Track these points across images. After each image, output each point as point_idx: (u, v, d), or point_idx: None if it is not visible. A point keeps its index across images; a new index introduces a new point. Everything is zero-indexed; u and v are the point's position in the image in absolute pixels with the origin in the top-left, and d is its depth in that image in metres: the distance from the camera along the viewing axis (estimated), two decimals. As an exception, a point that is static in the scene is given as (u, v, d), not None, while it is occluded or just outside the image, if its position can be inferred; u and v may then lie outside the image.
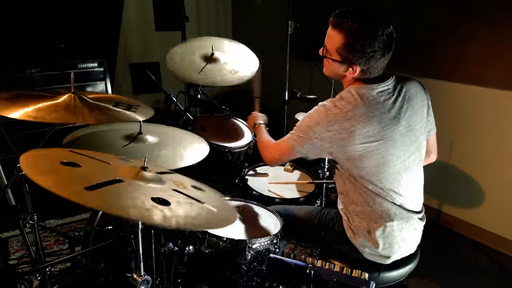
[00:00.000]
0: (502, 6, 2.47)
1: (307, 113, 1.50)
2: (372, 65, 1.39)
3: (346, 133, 1.37)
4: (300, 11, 3.50)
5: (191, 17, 3.72)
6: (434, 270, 2.45)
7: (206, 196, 1.19)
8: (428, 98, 1.56)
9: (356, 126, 1.36)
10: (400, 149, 1.44)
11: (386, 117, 1.40)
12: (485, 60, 2.61)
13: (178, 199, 1.05)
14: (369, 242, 1.50)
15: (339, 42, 1.39)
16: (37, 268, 1.71)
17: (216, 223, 1.06)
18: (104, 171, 1.07)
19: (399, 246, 1.52)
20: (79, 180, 0.97)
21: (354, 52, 1.37)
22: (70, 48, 3.27)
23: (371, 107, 1.38)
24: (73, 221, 2.83)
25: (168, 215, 0.94)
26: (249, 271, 1.53)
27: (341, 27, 1.37)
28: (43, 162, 1.04)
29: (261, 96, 2.15)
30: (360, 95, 1.39)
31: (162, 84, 2.93)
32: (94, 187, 0.94)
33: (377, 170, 1.43)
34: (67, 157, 1.09)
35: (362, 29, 1.34)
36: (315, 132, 1.41)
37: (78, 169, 1.04)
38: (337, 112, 1.39)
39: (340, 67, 1.44)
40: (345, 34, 1.36)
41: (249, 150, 2.21)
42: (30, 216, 1.65)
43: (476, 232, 2.85)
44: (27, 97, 1.29)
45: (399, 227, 1.49)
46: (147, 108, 1.49)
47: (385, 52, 1.37)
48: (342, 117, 1.37)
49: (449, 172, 2.91)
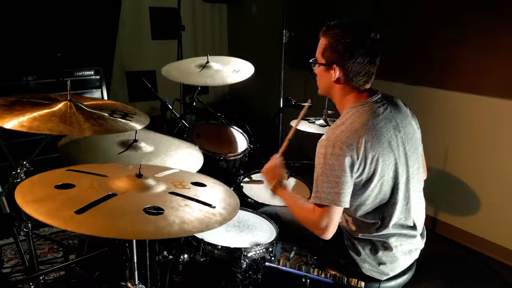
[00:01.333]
0: (495, 13, 2.50)
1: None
2: (353, 69, 1.39)
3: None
4: (294, 20, 3.53)
5: (187, 26, 3.75)
6: (430, 278, 2.45)
7: (208, 190, 1.18)
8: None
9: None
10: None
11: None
12: (479, 68, 2.64)
13: (173, 204, 1.05)
14: (370, 258, 1.50)
15: (323, 45, 1.43)
16: (31, 277, 1.70)
17: (213, 222, 1.04)
18: (99, 187, 1.07)
19: (399, 265, 1.52)
20: (71, 203, 0.97)
21: (336, 52, 1.39)
22: (66, 56, 3.27)
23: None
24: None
25: (161, 226, 0.94)
26: (245, 280, 1.52)
27: (327, 33, 1.42)
28: (38, 189, 1.04)
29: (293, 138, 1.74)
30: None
31: (158, 92, 2.95)
32: (85, 209, 0.94)
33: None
34: (62, 178, 1.09)
35: (345, 32, 1.38)
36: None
37: (72, 191, 1.04)
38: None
39: (326, 73, 1.45)
40: (329, 37, 1.41)
41: (244, 158, 2.21)
42: (24, 224, 1.64)
43: (472, 240, 2.85)
44: (24, 104, 1.29)
45: (402, 245, 1.50)
46: (143, 116, 1.49)
47: (368, 56, 1.38)
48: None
49: (444, 180, 2.92)
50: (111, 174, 1.16)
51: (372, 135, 1.36)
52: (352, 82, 1.42)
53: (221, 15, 4.78)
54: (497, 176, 2.66)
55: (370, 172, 1.38)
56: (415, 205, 1.51)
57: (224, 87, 5.02)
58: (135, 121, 1.39)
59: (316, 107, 2.80)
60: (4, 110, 1.23)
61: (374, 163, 1.37)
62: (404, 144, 1.45)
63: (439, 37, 2.81)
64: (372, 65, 1.40)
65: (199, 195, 1.14)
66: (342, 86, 1.45)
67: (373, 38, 1.38)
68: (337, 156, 1.33)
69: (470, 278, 2.58)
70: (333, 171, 1.34)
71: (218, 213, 1.08)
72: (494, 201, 2.71)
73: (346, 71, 1.40)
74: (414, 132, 1.51)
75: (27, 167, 1.52)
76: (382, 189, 1.42)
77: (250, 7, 4.56)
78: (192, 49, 4.47)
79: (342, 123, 1.40)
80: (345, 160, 1.33)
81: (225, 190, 1.26)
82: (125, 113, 1.43)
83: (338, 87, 1.46)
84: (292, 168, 2.98)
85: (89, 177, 1.13)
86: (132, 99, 4.15)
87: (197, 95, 2.52)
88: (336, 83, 1.44)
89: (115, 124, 1.32)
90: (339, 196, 1.35)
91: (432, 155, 2.91)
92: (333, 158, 1.34)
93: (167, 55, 3.97)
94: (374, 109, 1.41)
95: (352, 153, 1.33)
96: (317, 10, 3.69)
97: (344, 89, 1.45)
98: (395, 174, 1.43)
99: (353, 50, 1.36)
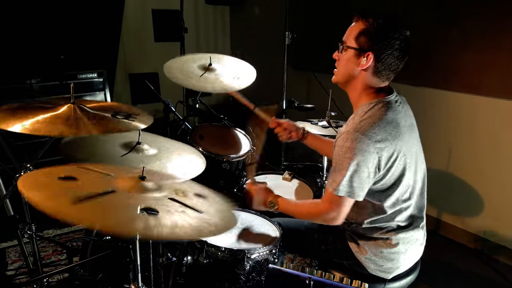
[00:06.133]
0: (495, 13, 2.49)
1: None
2: (386, 61, 1.35)
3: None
4: (297, 22, 3.54)
5: (190, 28, 3.76)
6: (433, 279, 2.44)
7: (208, 203, 1.18)
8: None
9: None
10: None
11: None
12: (479, 68, 2.63)
13: (170, 209, 1.05)
14: (376, 257, 1.49)
15: (360, 28, 1.37)
16: (35, 279, 1.70)
17: (209, 232, 1.05)
18: (101, 183, 1.08)
19: (404, 262, 1.52)
20: (69, 194, 0.97)
21: (374, 38, 1.34)
22: (70, 59, 3.29)
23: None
24: (71, 231, 2.82)
25: (150, 225, 0.94)
26: (248, 282, 1.52)
27: (366, 18, 1.36)
28: (41, 178, 1.05)
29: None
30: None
31: (161, 94, 2.95)
32: (82, 201, 0.95)
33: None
34: (67, 172, 1.10)
35: (387, 21, 1.35)
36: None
37: (73, 183, 1.05)
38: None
39: (355, 58, 1.39)
40: (369, 22, 1.35)
41: (248, 160, 2.21)
42: (28, 226, 1.64)
43: (474, 240, 2.84)
44: (28, 109, 1.29)
45: (407, 240, 1.50)
46: (146, 117, 1.49)
47: (401, 52, 1.36)
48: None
49: (447, 180, 2.91)
50: (117, 174, 1.16)
51: (398, 133, 1.37)
52: (379, 74, 1.39)
53: (223, 17, 4.80)
54: (499, 176, 2.65)
55: (397, 171, 1.39)
56: (423, 200, 1.52)
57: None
58: (138, 122, 1.39)
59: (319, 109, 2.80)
60: (8, 114, 1.24)
61: (400, 161, 1.38)
62: (417, 140, 1.49)
63: (439, 37, 2.80)
64: (401, 62, 1.39)
65: (197, 205, 1.13)
66: (367, 75, 1.40)
67: (407, 35, 1.37)
68: (364, 151, 1.31)
69: (473, 278, 2.57)
70: (357, 166, 1.32)
71: (214, 224, 1.07)
72: (496, 201, 2.70)
73: (379, 61, 1.36)
74: (416, 128, 1.53)
75: (30, 169, 1.53)
76: (403, 186, 1.43)
77: (252, 9, 4.56)
78: (195, 51, 4.48)
79: (369, 117, 1.36)
80: (372, 156, 1.32)
81: (225, 206, 1.25)
82: (128, 114, 1.43)
83: (363, 75, 1.40)
84: (295, 170, 2.98)
85: (94, 174, 1.14)
86: (135, 101, 4.17)
87: (200, 97, 2.52)
88: (364, 71, 1.39)
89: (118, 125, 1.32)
90: (358, 190, 1.35)
91: (433, 155, 2.90)
92: (359, 152, 1.31)
93: (170, 58, 3.98)
94: (395, 107, 1.42)
95: (379, 151, 1.32)
96: (320, 11, 3.69)
97: (368, 79, 1.41)
98: (413, 171, 1.44)
99: (392, 41, 1.33)
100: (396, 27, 1.35)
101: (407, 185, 1.44)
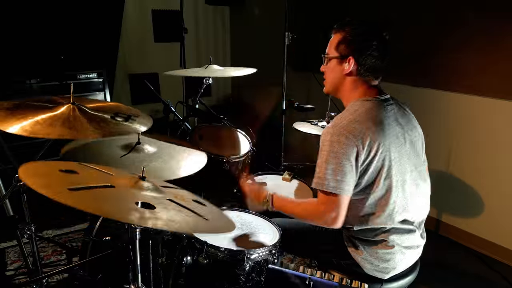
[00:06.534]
0: (496, 14, 2.50)
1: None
2: (366, 62, 1.43)
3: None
4: (296, 22, 3.54)
5: (190, 29, 3.76)
6: (433, 280, 2.44)
7: (205, 210, 1.18)
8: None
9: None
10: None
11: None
12: (480, 69, 2.63)
13: (166, 206, 1.05)
14: (371, 257, 1.50)
15: (338, 39, 1.47)
16: (34, 279, 1.70)
17: (204, 228, 1.05)
18: (100, 179, 1.09)
19: (400, 263, 1.51)
20: (67, 183, 0.99)
21: (352, 44, 1.44)
22: (69, 59, 3.29)
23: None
24: (71, 232, 2.82)
25: (146, 217, 0.95)
26: (248, 282, 1.52)
27: (342, 28, 1.47)
28: (43, 168, 1.07)
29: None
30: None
31: (161, 94, 2.95)
32: (78, 189, 0.96)
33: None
34: (69, 167, 1.11)
35: (361, 26, 1.46)
36: None
37: (73, 175, 1.06)
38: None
39: (338, 66, 1.48)
40: (345, 32, 1.46)
41: (247, 160, 2.21)
42: (27, 227, 1.64)
43: (474, 241, 2.84)
44: (27, 108, 1.29)
45: (402, 243, 1.50)
46: (146, 118, 1.49)
47: (379, 51, 1.43)
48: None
49: (447, 181, 2.91)
50: (115, 174, 1.16)
51: (380, 128, 1.39)
52: (364, 75, 1.46)
53: (223, 18, 4.80)
54: (500, 177, 2.64)
55: (377, 167, 1.40)
56: (414, 203, 1.51)
57: (227, 89, 5.03)
58: (138, 124, 1.39)
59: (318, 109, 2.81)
60: (7, 114, 1.24)
61: (381, 156, 1.38)
62: (408, 143, 1.48)
63: (440, 38, 2.80)
64: (383, 61, 1.45)
65: (195, 208, 1.13)
66: (353, 79, 1.48)
67: (385, 36, 1.45)
68: (342, 144, 1.35)
69: (473, 279, 2.57)
70: (337, 158, 1.36)
71: (210, 224, 1.07)
72: (496, 202, 2.70)
73: (360, 63, 1.44)
74: (417, 138, 1.53)
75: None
76: (385, 183, 1.43)
77: (252, 10, 4.56)
78: (195, 52, 4.49)
79: (350, 114, 1.43)
80: (350, 149, 1.35)
81: (222, 213, 1.25)
82: (128, 116, 1.42)
83: (349, 80, 1.49)
84: (295, 170, 2.98)
85: (95, 171, 1.15)
86: (135, 102, 4.16)
87: (200, 98, 2.52)
88: (348, 75, 1.48)
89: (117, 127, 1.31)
90: (341, 184, 1.37)
91: (434, 156, 2.89)
92: (338, 145, 1.36)
93: (170, 58, 3.98)
94: (382, 106, 1.45)
95: (358, 143, 1.36)
96: (320, 12, 3.69)
97: (354, 82, 1.49)
98: (400, 169, 1.44)
99: (368, 43, 1.42)
100: (371, 30, 1.45)
101: (389, 185, 1.43)
